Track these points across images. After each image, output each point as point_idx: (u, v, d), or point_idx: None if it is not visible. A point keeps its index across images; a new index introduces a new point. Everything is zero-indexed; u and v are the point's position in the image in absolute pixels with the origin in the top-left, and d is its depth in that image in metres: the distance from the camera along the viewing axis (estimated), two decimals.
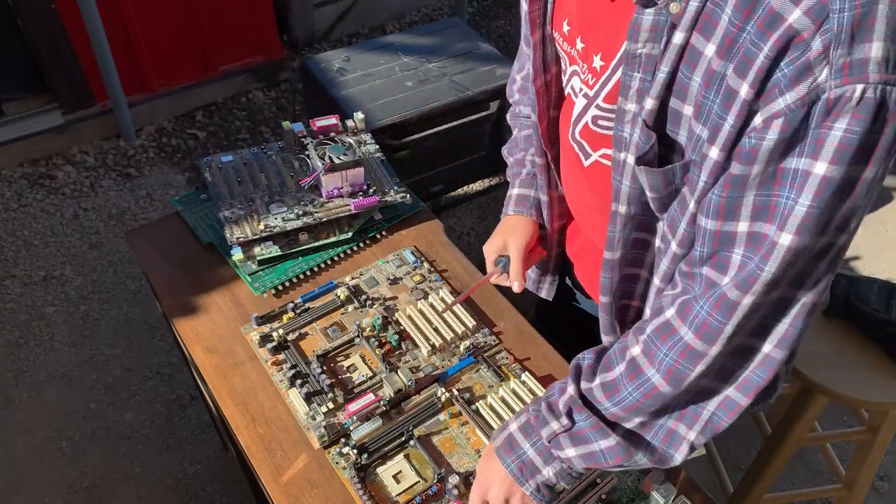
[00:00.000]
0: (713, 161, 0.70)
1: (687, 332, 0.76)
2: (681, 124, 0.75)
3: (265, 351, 1.12)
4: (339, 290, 1.20)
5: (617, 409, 0.83)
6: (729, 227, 0.71)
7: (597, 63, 0.83)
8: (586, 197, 0.99)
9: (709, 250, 0.74)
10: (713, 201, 0.72)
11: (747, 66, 0.64)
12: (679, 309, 0.77)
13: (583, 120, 0.89)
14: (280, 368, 1.10)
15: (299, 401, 1.05)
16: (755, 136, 0.66)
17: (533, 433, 0.88)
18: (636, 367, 0.81)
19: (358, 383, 1.09)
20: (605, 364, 0.85)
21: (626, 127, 0.79)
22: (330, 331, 1.16)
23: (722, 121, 0.68)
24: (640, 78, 0.75)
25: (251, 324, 1.16)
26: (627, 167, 0.81)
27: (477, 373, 1.11)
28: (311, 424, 1.03)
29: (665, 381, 0.78)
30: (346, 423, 1.03)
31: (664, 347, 0.78)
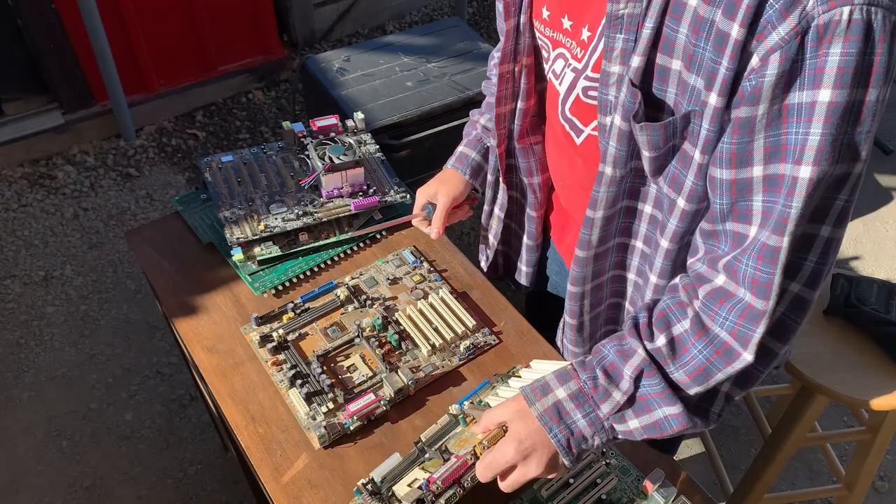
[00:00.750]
0: (713, 107, 0.71)
1: (745, 293, 0.75)
2: (669, 80, 0.75)
3: (265, 351, 1.12)
4: (338, 290, 1.20)
5: (682, 373, 0.80)
6: (744, 173, 0.72)
7: (584, 35, 0.84)
8: (579, 176, 0.99)
9: (728, 202, 0.75)
10: (724, 150, 0.72)
11: (735, 7, 0.65)
12: (727, 272, 0.77)
13: (573, 94, 0.89)
14: (280, 368, 1.10)
15: (299, 401, 1.05)
16: (755, 76, 0.67)
17: (587, 403, 0.82)
18: (701, 323, 0.79)
19: (358, 383, 1.09)
20: (661, 320, 0.81)
21: (611, 90, 0.80)
22: (330, 331, 1.16)
23: (717, 65, 0.69)
24: (624, 38, 0.76)
25: (251, 324, 1.16)
26: (614, 129, 0.81)
27: (493, 390, 1.06)
28: (312, 424, 1.03)
29: (732, 338, 0.77)
30: (345, 423, 1.03)
31: (723, 311, 0.77)
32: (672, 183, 0.82)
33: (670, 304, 0.82)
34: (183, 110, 2.96)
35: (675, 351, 0.80)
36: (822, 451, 1.74)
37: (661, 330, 0.81)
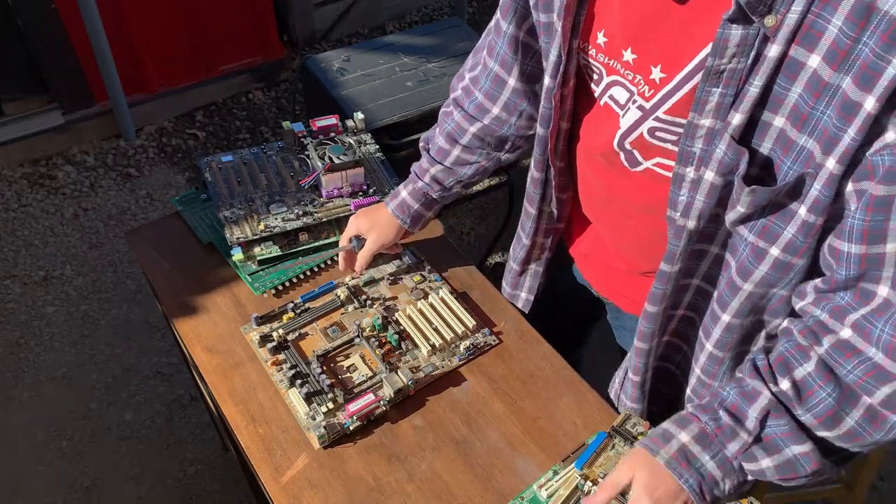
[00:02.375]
0: (829, 172, 0.70)
1: (876, 353, 0.73)
2: (767, 136, 0.74)
3: (265, 351, 1.12)
4: (339, 290, 1.20)
5: (810, 416, 0.78)
6: (877, 249, 0.71)
7: (656, 75, 0.82)
8: (623, 202, 0.97)
9: (856, 272, 0.73)
10: (856, 226, 0.71)
11: (872, 79, 0.64)
12: (857, 331, 0.75)
13: (637, 130, 0.87)
14: (280, 368, 1.10)
15: (299, 401, 1.05)
16: (891, 153, 0.65)
17: (713, 444, 0.81)
18: (827, 368, 0.77)
19: (358, 383, 1.09)
20: (782, 365, 0.80)
21: (697, 142, 0.78)
22: (330, 331, 1.16)
23: (841, 132, 0.67)
24: (721, 93, 0.74)
25: (251, 324, 1.16)
26: (704, 183, 0.80)
27: (614, 450, 1.00)
28: (311, 424, 1.03)
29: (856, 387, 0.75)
30: (345, 423, 1.03)
31: (849, 364, 0.75)
32: (763, 234, 0.81)
33: (788, 347, 0.80)
34: (183, 110, 2.96)
35: (800, 394, 0.78)
36: None
37: (782, 375, 0.79)
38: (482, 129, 1.12)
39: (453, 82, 1.18)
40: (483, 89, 1.10)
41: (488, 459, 1.01)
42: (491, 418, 1.06)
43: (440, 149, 1.16)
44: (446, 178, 1.17)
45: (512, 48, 1.02)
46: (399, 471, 1.00)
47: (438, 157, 1.17)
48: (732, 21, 0.70)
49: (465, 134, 1.13)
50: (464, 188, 1.20)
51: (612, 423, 1.03)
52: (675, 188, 0.84)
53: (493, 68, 1.07)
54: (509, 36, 1.01)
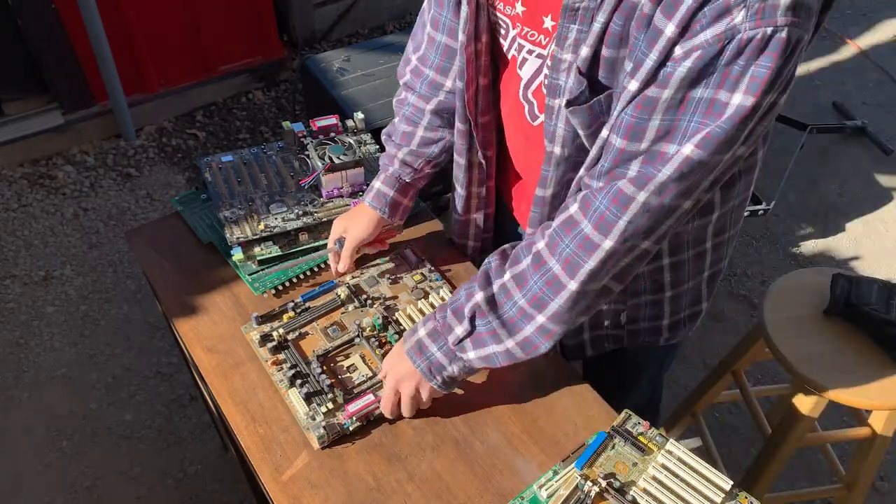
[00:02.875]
0: (630, 92, 0.78)
1: (587, 225, 0.84)
2: (615, 70, 0.81)
3: (265, 350, 1.12)
4: (339, 289, 1.20)
5: (524, 301, 0.91)
6: (633, 146, 0.79)
7: (548, 24, 0.89)
8: (535, 154, 1.01)
9: (610, 165, 0.82)
10: (624, 120, 0.79)
11: (674, 8, 0.72)
12: (581, 204, 0.86)
13: (538, 80, 0.94)
14: (280, 368, 1.10)
15: (299, 401, 1.05)
16: (671, 65, 0.74)
17: (440, 338, 0.98)
18: (540, 259, 0.89)
19: (358, 383, 1.09)
20: (513, 259, 0.93)
21: (561, 75, 0.86)
22: (330, 330, 1.16)
23: (644, 57, 0.75)
24: (577, 29, 0.81)
25: (251, 323, 1.16)
26: (562, 112, 0.88)
27: (614, 450, 1.01)
28: (311, 424, 1.03)
29: (563, 270, 0.87)
30: (345, 423, 1.03)
31: (566, 239, 0.87)
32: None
33: (523, 243, 0.93)
34: (183, 110, 2.96)
35: (519, 283, 0.91)
36: (822, 451, 1.74)
37: (509, 267, 0.93)
38: (439, 104, 1.15)
39: (400, 69, 1.20)
40: (434, 65, 1.13)
41: (488, 459, 1.01)
42: (491, 418, 1.06)
43: (403, 133, 1.19)
44: (415, 160, 1.19)
45: (457, 16, 1.05)
46: (399, 471, 1.00)
47: (403, 141, 1.19)
48: None
49: (424, 114, 1.17)
50: (434, 168, 1.22)
51: (612, 423, 1.03)
52: (547, 118, 0.91)
53: (440, 40, 1.11)
54: (453, 3, 1.05)
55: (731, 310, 2.37)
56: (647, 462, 0.98)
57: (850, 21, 3.59)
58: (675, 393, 2.11)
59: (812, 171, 2.83)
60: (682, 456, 0.99)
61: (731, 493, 0.95)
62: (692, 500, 0.94)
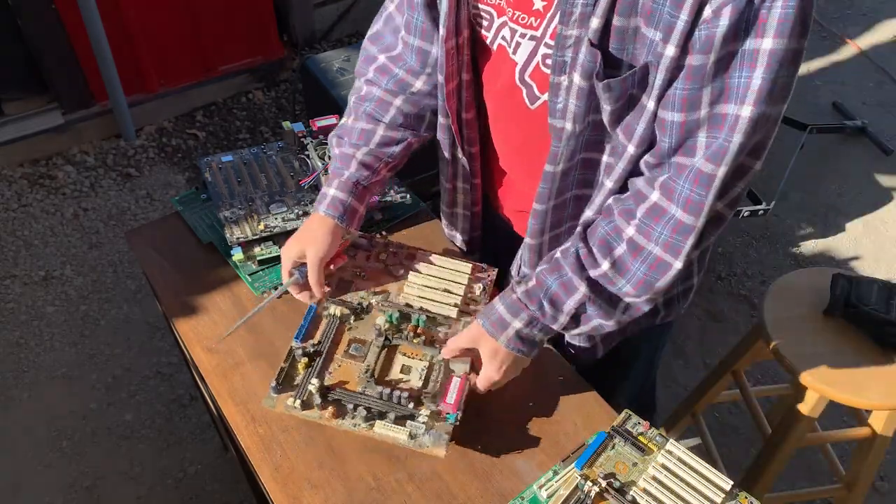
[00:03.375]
0: (669, 58, 0.78)
1: (676, 210, 0.86)
2: (626, 38, 0.82)
3: (317, 411, 1.01)
4: (329, 309, 1.13)
5: (630, 286, 0.92)
6: (693, 115, 0.81)
7: (538, 5, 0.90)
8: (534, 138, 1.01)
9: (677, 141, 0.83)
10: (676, 95, 0.80)
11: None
12: (663, 191, 0.87)
13: (534, 61, 0.94)
14: (345, 416, 1.01)
15: (395, 430, 0.99)
16: (705, 27, 0.75)
17: (538, 324, 0.98)
18: (637, 246, 0.90)
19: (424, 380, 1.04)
20: (602, 246, 0.92)
21: (567, 52, 0.86)
22: (353, 350, 1.08)
23: (675, 19, 0.76)
24: (583, 3, 0.81)
25: (271, 396, 1.03)
26: (574, 87, 0.87)
27: (614, 450, 1.01)
28: (427, 440, 0.98)
29: (665, 252, 0.89)
30: (450, 416, 0.99)
31: (658, 227, 0.88)
32: (625, 130, 0.89)
33: (608, 230, 0.92)
34: (183, 110, 2.96)
35: (619, 271, 0.92)
36: (822, 451, 1.74)
37: (604, 256, 0.92)
38: (404, 101, 1.12)
39: (359, 68, 1.16)
40: (406, 66, 1.11)
41: (488, 459, 1.01)
42: (491, 418, 1.06)
43: (362, 131, 1.12)
44: (374, 161, 1.11)
45: (429, 16, 1.05)
46: (399, 471, 1.00)
47: (361, 140, 1.11)
48: None
49: (389, 109, 1.12)
50: (390, 171, 1.15)
51: (612, 423, 1.03)
52: (553, 96, 0.91)
53: (414, 44, 1.09)
54: (422, 5, 1.04)
55: (731, 310, 2.37)
56: (647, 462, 0.98)
57: (850, 21, 3.59)
58: (675, 393, 2.11)
59: (812, 171, 2.83)
60: (682, 456, 0.99)
61: (731, 493, 0.95)
62: (692, 500, 0.94)
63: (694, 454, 0.99)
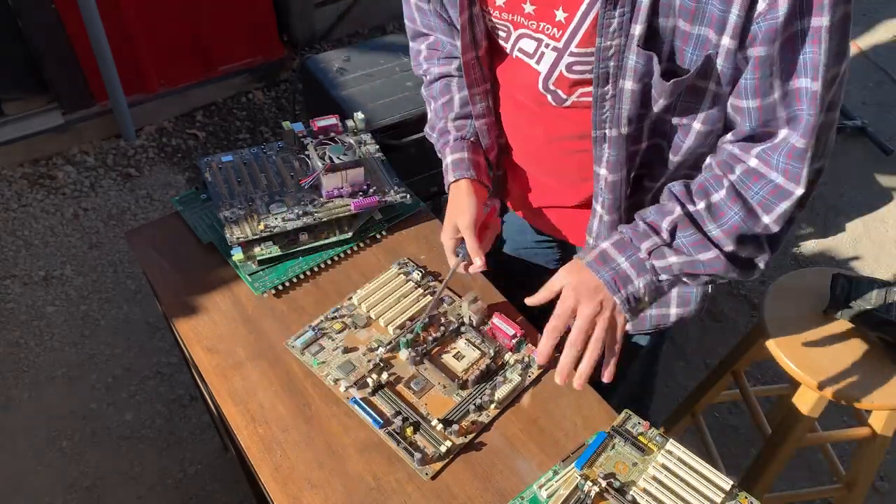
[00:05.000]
0: (727, 48, 0.83)
1: (777, 177, 0.89)
2: (665, 37, 0.85)
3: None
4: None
5: (719, 231, 0.92)
6: (769, 99, 0.85)
7: (560, 16, 0.92)
8: (561, 137, 1.05)
9: (757, 123, 0.88)
10: (748, 85, 0.85)
11: None
12: (760, 159, 0.89)
13: (557, 70, 0.97)
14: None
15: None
16: (763, 19, 0.79)
17: (628, 248, 0.95)
18: (736, 192, 0.91)
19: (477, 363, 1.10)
20: (700, 190, 0.93)
21: (609, 62, 0.89)
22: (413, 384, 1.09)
23: (727, 14, 0.80)
24: (620, 13, 0.85)
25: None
26: (626, 93, 0.90)
27: (614, 450, 1.01)
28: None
29: (760, 207, 0.91)
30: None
31: (756, 186, 0.90)
32: (684, 113, 0.92)
33: (707, 177, 0.94)
34: (183, 110, 2.96)
35: (713, 214, 0.92)
36: (822, 451, 1.74)
37: (700, 198, 0.93)
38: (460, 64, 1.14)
39: (414, 68, 1.25)
40: (446, 45, 1.16)
41: (488, 459, 1.01)
42: (491, 418, 1.06)
43: (443, 105, 1.19)
44: (465, 122, 1.17)
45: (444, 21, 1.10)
46: (399, 471, 1.00)
47: (445, 112, 1.19)
48: None
49: (451, 74, 1.18)
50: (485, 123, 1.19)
51: (612, 423, 1.03)
52: (598, 109, 0.94)
53: (442, 37, 1.15)
54: (433, 12, 1.10)
55: (731, 310, 2.37)
56: (647, 462, 0.98)
57: None
58: (675, 393, 2.11)
59: None
60: (682, 456, 0.99)
61: (731, 493, 0.95)
62: (692, 500, 0.94)
63: (694, 454, 1.00)
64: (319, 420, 1.06)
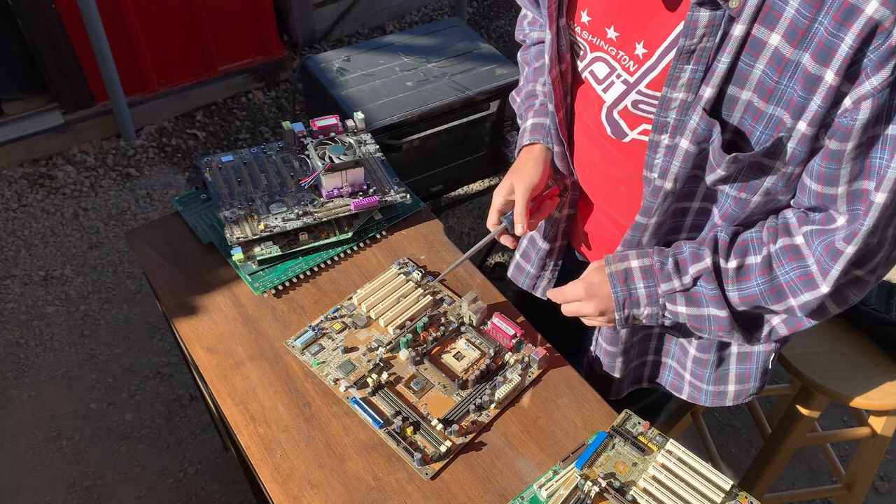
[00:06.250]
0: (802, 133, 0.79)
1: (812, 263, 0.87)
2: (736, 108, 0.82)
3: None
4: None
5: (737, 294, 0.93)
6: (830, 190, 0.82)
7: (639, 51, 0.89)
8: (615, 171, 1.03)
9: (814, 203, 0.86)
10: (815, 169, 0.82)
11: (830, 56, 0.73)
12: (807, 238, 0.88)
13: (622, 103, 0.95)
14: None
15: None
16: (847, 117, 0.75)
17: (651, 279, 0.97)
18: (769, 265, 0.90)
19: (477, 363, 1.10)
20: (740, 248, 0.93)
21: (671, 114, 0.86)
22: (414, 384, 1.09)
23: (807, 101, 0.77)
24: (692, 69, 0.82)
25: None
26: (679, 150, 0.88)
27: (614, 450, 1.01)
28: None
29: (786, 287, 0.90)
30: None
31: (788, 266, 0.89)
32: (743, 188, 0.89)
33: (753, 237, 0.93)
34: (183, 110, 2.96)
35: (739, 276, 0.92)
36: (822, 451, 1.74)
37: (736, 256, 0.92)
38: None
39: (517, 33, 1.24)
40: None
41: (488, 459, 1.01)
42: (491, 418, 1.06)
43: (535, 70, 1.18)
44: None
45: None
46: (399, 471, 1.00)
47: (537, 75, 1.17)
48: (701, 4, 0.78)
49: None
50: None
51: (612, 423, 1.03)
52: (651, 152, 0.92)
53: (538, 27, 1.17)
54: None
55: None
56: (647, 462, 0.98)
57: None
58: None
59: None
60: (682, 456, 0.99)
61: (731, 493, 0.95)
62: (692, 500, 0.94)
63: (694, 454, 1.00)
64: (319, 420, 1.06)
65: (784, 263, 0.89)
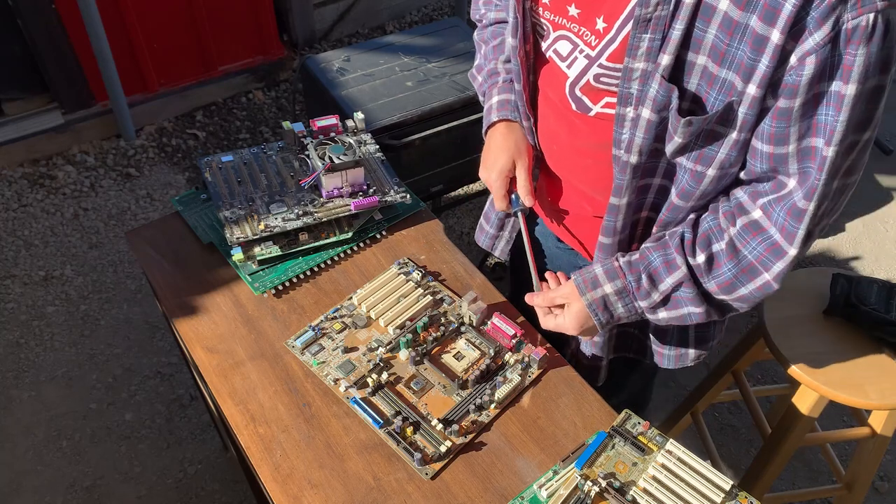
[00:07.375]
0: (752, 96, 0.82)
1: (775, 232, 0.90)
2: (693, 73, 0.85)
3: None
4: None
5: (713, 283, 0.96)
6: (781, 149, 0.85)
7: (599, 25, 0.91)
8: (580, 143, 1.05)
9: (768, 167, 0.88)
10: (765, 130, 0.85)
11: (775, 15, 0.76)
12: (763, 211, 0.91)
13: (585, 78, 0.97)
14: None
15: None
16: (793, 73, 0.79)
17: (628, 297, 1.01)
18: (734, 248, 0.94)
19: (477, 363, 1.11)
20: (703, 240, 0.96)
21: (633, 84, 0.89)
22: (414, 384, 1.08)
23: (755, 62, 0.79)
24: (650, 38, 0.84)
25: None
26: (642, 120, 0.91)
27: (613, 450, 1.01)
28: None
29: (757, 263, 0.93)
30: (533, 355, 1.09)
31: (754, 242, 0.92)
32: (699, 159, 0.92)
33: (712, 226, 0.96)
34: (183, 110, 2.96)
35: (710, 265, 0.96)
36: (822, 451, 1.74)
37: (702, 249, 0.96)
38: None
39: (472, 13, 1.27)
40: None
41: (488, 459, 1.01)
42: (491, 418, 1.06)
43: (493, 47, 1.20)
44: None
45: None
46: (399, 471, 1.00)
47: (496, 54, 1.19)
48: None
49: (508, 16, 1.19)
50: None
51: (612, 423, 1.03)
52: (618, 127, 0.94)
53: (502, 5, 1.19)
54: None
55: None
56: (647, 462, 0.98)
57: None
58: (675, 393, 2.11)
59: None
60: (682, 456, 0.99)
61: (731, 493, 0.95)
62: (692, 500, 0.94)
63: (694, 454, 1.00)
64: (319, 420, 1.06)
65: (748, 241, 0.92)
